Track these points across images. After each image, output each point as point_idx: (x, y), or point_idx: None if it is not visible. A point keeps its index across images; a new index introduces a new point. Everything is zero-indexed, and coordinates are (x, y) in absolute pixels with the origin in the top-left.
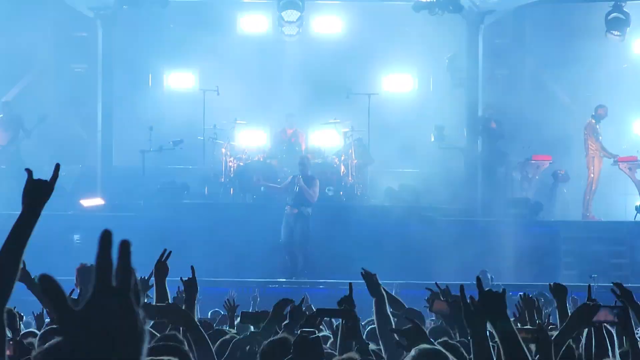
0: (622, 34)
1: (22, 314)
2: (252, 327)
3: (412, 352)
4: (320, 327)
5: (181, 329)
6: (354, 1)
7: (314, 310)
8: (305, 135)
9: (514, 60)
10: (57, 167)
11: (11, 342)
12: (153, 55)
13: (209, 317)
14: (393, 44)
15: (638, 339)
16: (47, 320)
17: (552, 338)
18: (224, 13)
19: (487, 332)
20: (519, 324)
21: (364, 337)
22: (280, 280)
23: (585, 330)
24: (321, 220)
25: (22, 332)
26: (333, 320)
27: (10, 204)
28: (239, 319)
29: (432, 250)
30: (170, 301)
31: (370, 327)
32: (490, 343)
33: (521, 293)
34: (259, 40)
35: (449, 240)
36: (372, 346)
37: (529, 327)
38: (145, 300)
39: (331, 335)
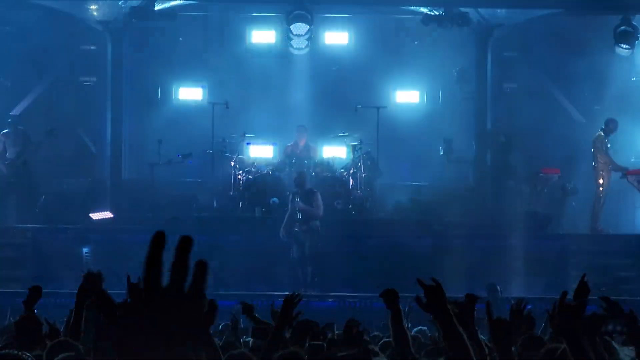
0: (631, 47)
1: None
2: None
3: None
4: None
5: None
6: (362, 14)
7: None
8: (316, 148)
9: (522, 73)
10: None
11: None
12: (162, 68)
13: (219, 329)
14: (402, 57)
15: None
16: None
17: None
18: (234, 26)
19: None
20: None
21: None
22: (289, 293)
23: None
24: (330, 233)
25: None
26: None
27: (20, 218)
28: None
29: (441, 263)
30: None
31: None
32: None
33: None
34: (268, 53)
35: (458, 253)
36: None
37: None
38: None
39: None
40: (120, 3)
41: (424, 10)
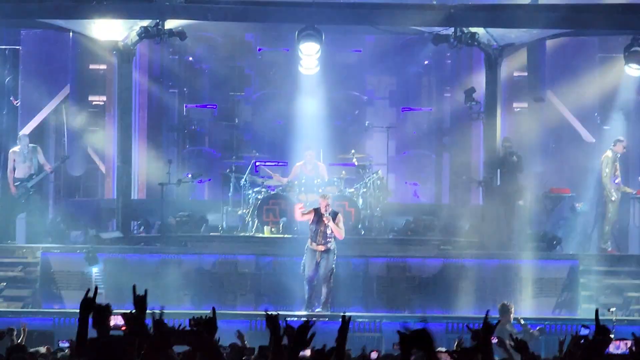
0: None
1: None
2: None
3: None
4: None
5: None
6: (372, 34)
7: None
8: (324, 168)
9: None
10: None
11: None
12: (171, 88)
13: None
14: (411, 76)
15: None
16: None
17: None
18: (242, 46)
19: None
20: None
21: None
22: (299, 313)
23: None
24: (339, 253)
25: None
26: None
27: (29, 237)
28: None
29: (450, 283)
30: None
31: None
32: None
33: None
34: (277, 72)
35: (468, 273)
36: None
37: None
38: None
39: None
40: (130, 23)
41: (434, 30)
